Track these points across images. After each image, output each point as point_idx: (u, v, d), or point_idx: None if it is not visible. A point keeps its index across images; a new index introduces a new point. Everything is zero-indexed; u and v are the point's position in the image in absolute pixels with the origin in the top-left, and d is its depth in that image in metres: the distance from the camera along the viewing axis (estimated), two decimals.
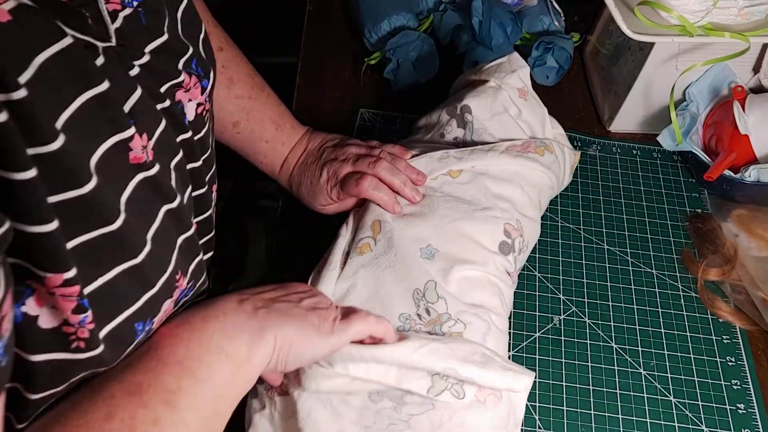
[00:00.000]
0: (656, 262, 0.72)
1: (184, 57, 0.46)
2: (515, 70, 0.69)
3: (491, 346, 0.54)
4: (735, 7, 0.71)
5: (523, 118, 0.68)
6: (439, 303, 0.55)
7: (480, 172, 0.62)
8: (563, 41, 0.86)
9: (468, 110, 0.66)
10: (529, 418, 0.60)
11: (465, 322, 0.54)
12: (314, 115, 0.84)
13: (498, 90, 0.67)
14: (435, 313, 0.54)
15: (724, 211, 0.76)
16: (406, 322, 0.54)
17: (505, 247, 0.59)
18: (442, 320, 0.54)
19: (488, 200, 0.60)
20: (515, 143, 0.64)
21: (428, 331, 0.54)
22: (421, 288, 0.55)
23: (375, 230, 0.59)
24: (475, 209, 0.59)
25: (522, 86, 0.69)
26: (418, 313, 0.54)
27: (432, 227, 0.58)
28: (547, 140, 0.67)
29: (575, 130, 0.84)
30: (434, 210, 0.59)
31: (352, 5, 0.95)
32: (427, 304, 0.54)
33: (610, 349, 0.65)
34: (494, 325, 0.55)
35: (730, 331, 0.67)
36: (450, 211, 0.59)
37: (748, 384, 0.63)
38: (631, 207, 0.77)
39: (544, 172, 0.64)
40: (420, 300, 0.55)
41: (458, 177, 0.62)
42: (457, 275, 0.56)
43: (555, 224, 0.74)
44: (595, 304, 0.68)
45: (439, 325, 0.54)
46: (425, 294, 0.55)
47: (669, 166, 0.81)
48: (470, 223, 0.58)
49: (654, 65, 0.76)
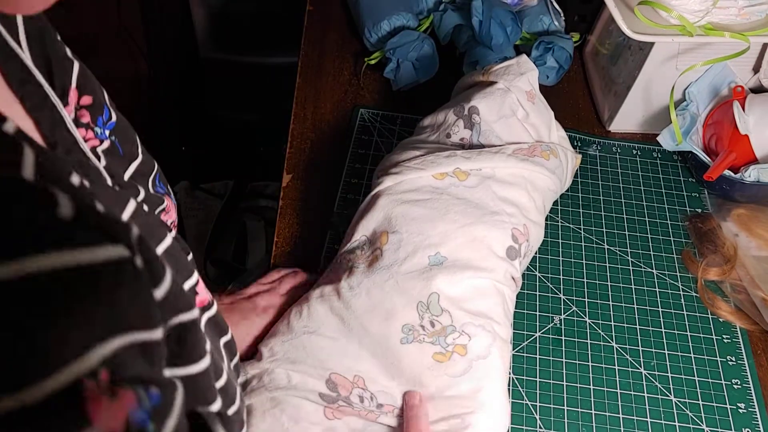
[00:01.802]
0: (656, 261, 0.72)
1: (150, 176, 0.45)
2: (524, 72, 0.69)
3: (495, 357, 0.54)
4: (735, 7, 0.71)
5: (530, 122, 0.68)
6: (443, 316, 0.54)
7: (487, 175, 0.62)
8: (563, 41, 0.86)
9: (476, 111, 0.66)
10: (530, 418, 0.60)
11: (470, 334, 0.54)
12: (314, 115, 0.84)
13: (506, 92, 0.67)
14: (439, 325, 0.54)
15: (724, 211, 0.76)
16: (410, 333, 0.54)
17: (512, 252, 0.59)
18: (447, 332, 0.54)
19: (496, 204, 0.60)
20: (522, 146, 0.64)
21: (431, 342, 0.54)
22: (425, 300, 0.55)
23: (383, 241, 0.58)
24: (484, 213, 0.59)
25: (530, 89, 0.69)
26: (422, 324, 0.54)
27: (441, 233, 0.58)
28: (552, 144, 0.67)
29: (575, 130, 0.84)
30: (444, 214, 0.59)
31: (352, 5, 0.95)
32: (431, 316, 0.54)
33: (610, 348, 0.65)
34: (498, 336, 0.55)
35: (731, 331, 0.67)
36: (459, 216, 0.58)
37: (749, 383, 0.63)
38: (631, 207, 0.77)
39: (549, 177, 0.64)
40: (424, 312, 0.54)
41: (465, 180, 0.61)
42: (465, 283, 0.56)
43: (555, 224, 0.74)
44: (596, 303, 0.68)
45: (444, 337, 0.54)
46: (429, 307, 0.55)
47: (669, 166, 0.81)
48: (480, 228, 0.58)
49: (654, 65, 0.76)
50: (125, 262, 0.23)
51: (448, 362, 0.54)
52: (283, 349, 0.56)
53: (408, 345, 0.54)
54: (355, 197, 0.75)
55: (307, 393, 0.54)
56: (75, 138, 0.36)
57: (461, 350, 0.54)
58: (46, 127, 0.34)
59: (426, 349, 0.54)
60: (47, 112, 0.34)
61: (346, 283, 0.56)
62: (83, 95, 0.39)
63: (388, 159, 0.66)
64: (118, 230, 0.24)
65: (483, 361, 0.54)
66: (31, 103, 0.33)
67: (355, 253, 0.59)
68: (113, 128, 0.42)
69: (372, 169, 0.78)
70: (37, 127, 0.33)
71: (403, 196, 0.60)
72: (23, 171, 0.22)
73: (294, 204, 0.75)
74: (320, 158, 0.80)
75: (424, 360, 0.54)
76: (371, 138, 0.81)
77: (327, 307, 0.56)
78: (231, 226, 1.37)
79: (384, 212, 0.60)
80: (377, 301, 0.55)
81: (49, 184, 0.22)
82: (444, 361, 0.54)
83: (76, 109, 0.39)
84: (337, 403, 0.54)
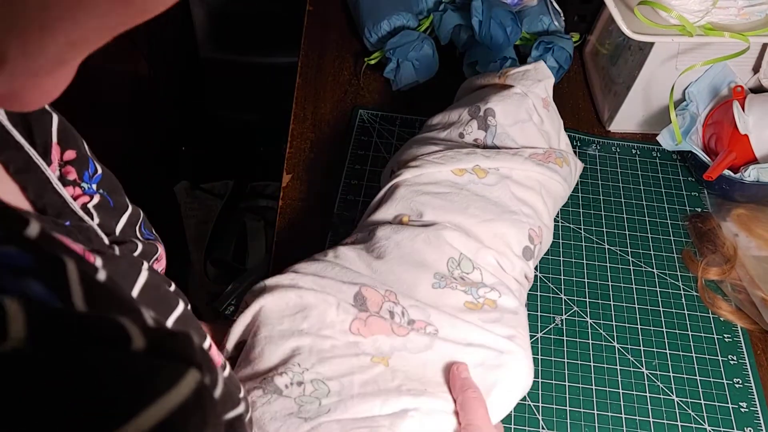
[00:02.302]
0: (657, 261, 0.72)
1: (137, 224, 0.44)
2: (541, 80, 0.69)
3: (522, 321, 0.54)
4: (735, 7, 0.71)
5: (544, 128, 0.68)
6: (474, 273, 0.55)
7: (505, 175, 0.62)
8: (563, 41, 0.86)
9: (492, 114, 0.66)
10: (533, 419, 0.60)
11: (500, 291, 0.54)
12: (314, 115, 0.84)
13: (524, 97, 0.67)
14: (470, 280, 0.55)
15: (723, 211, 0.76)
16: (442, 280, 0.54)
17: (528, 252, 0.59)
18: (478, 285, 0.54)
19: (514, 204, 0.60)
20: (537, 152, 0.64)
21: (464, 291, 0.54)
22: (456, 257, 0.55)
23: (404, 222, 0.59)
24: (503, 211, 0.59)
25: (546, 96, 0.69)
26: (453, 277, 0.54)
27: (462, 225, 0.58)
28: (563, 152, 0.68)
29: (575, 130, 0.84)
30: (464, 208, 0.59)
31: (352, 5, 0.95)
32: (462, 272, 0.55)
33: (612, 348, 0.65)
34: (522, 308, 0.56)
35: (731, 330, 0.67)
36: (480, 211, 0.59)
37: (750, 382, 0.63)
38: (631, 206, 0.77)
39: (561, 184, 0.65)
40: (455, 269, 0.55)
41: (485, 178, 0.61)
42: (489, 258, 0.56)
43: (556, 224, 0.74)
44: (597, 303, 0.68)
45: (476, 288, 0.54)
46: (460, 263, 0.55)
47: (669, 165, 0.81)
48: (499, 225, 0.58)
49: (654, 65, 0.77)
50: (201, 387, 0.20)
51: (479, 311, 0.53)
52: (309, 268, 0.53)
53: (440, 290, 0.53)
54: (356, 198, 0.75)
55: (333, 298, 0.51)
56: (64, 198, 0.34)
57: (491, 303, 0.54)
58: (33, 191, 0.32)
59: (459, 295, 0.53)
60: (32, 175, 0.32)
61: (373, 239, 0.56)
62: (66, 150, 0.37)
63: (404, 153, 0.66)
64: (185, 346, 0.21)
65: (513, 315, 0.54)
66: (15, 166, 0.31)
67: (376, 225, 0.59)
68: (100, 181, 0.40)
69: (372, 170, 0.78)
70: (23, 192, 0.32)
71: (423, 187, 0.60)
72: (74, 300, 0.20)
73: (294, 204, 0.75)
74: (320, 158, 0.80)
75: (456, 304, 0.53)
76: (371, 139, 0.81)
77: (355, 253, 0.55)
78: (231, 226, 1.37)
79: (404, 202, 0.60)
80: (407, 252, 0.55)
81: (104, 312, 0.20)
82: (476, 310, 0.53)
83: (60, 166, 0.36)
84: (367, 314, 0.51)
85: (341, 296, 0.51)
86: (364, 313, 0.50)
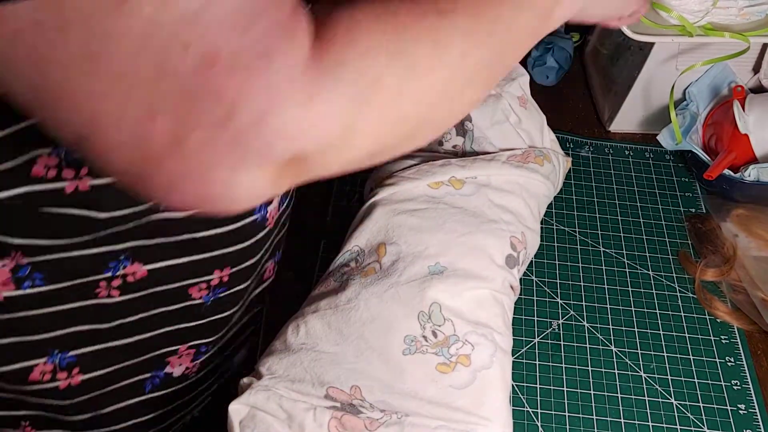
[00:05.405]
0: (653, 263, 0.72)
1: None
2: (515, 78, 0.69)
3: (497, 369, 0.54)
4: (735, 7, 0.70)
5: (522, 127, 0.68)
6: (446, 325, 0.54)
7: (483, 183, 0.62)
8: (563, 41, 0.85)
9: (468, 118, 0.66)
10: (532, 425, 0.60)
11: (473, 344, 0.54)
12: None
13: (498, 98, 0.67)
14: (442, 335, 0.54)
15: (723, 211, 0.76)
16: (412, 344, 0.54)
17: (511, 260, 0.59)
18: (450, 342, 0.54)
19: (493, 212, 0.60)
20: (516, 153, 0.64)
21: (435, 353, 0.53)
22: (426, 310, 0.54)
23: (380, 253, 0.58)
24: (482, 222, 0.59)
25: (522, 94, 0.69)
26: (424, 335, 0.54)
27: (440, 243, 0.57)
28: (545, 149, 0.67)
29: (575, 130, 0.84)
30: (442, 223, 0.58)
31: None
32: (433, 326, 0.54)
33: (609, 352, 0.65)
34: (499, 346, 0.55)
35: (729, 331, 0.67)
36: (458, 225, 0.58)
37: (748, 384, 0.63)
38: (626, 208, 0.77)
39: (543, 183, 0.64)
40: (426, 322, 0.54)
41: (461, 188, 0.61)
42: (465, 294, 0.56)
43: (550, 228, 0.74)
44: (593, 307, 0.68)
45: (447, 347, 0.53)
46: (431, 316, 0.54)
47: (662, 166, 0.81)
48: (478, 237, 0.58)
49: (654, 65, 0.76)
50: None
51: (452, 373, 0.53)
52: (281, 367, 0.54)
53: (410, 356, 0.53)
54: (348, 205, 0.75)
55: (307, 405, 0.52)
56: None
57: (465, 360, 0.54)
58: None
59: (430, 359, 0.53)
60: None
61: (343, 295, 0.56)
62: None
63: (379, 169, 0.66)
64: None
65: (487, 371, 0.54)
66: None
67: (349, 266, 0.59)
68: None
69: (364, 177, 0.77)
70: None
71: (399, 206, 0.60)
72: None
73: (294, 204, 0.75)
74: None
75: (427, 371, 0.53)
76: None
77: (324, 322, 0.55)
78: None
79: (380, 223, 0.60)
80: (376, 313, 0.54)
81: None
82: (448, 372, 0.53)
83: None
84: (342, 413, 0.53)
85: (315, 401, 0.52)
86: (339, 412, 0.52)
